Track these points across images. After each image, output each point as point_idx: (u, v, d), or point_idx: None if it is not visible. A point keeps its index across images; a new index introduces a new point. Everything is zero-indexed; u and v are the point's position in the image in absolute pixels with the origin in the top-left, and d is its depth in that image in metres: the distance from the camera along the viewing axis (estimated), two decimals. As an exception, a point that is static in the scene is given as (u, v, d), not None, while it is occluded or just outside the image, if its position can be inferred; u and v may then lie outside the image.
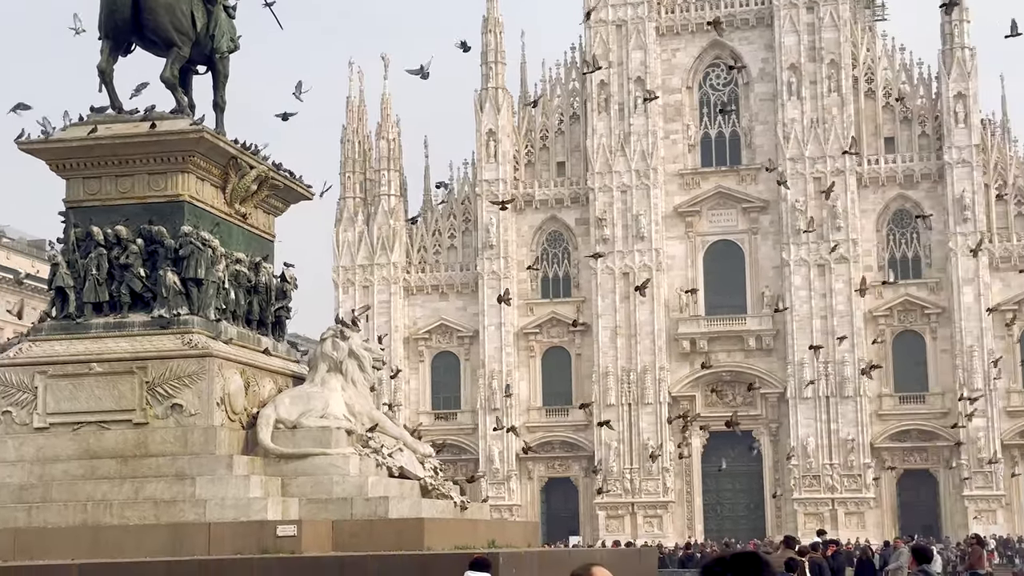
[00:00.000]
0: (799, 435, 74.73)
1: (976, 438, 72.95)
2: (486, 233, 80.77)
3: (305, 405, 21.24)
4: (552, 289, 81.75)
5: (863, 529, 71.38)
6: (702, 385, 78.32)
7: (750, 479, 78.25)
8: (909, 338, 76.80)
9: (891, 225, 77.83)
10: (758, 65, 79.73)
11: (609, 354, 78.08)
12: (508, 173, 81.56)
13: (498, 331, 79.95)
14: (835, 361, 74.84)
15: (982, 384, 73.04)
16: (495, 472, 78.48)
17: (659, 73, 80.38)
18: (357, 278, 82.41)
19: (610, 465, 76.76)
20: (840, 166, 76.49)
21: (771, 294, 77.28)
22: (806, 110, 77.42)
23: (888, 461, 75.73)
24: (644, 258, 78.41)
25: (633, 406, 77.22)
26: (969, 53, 76.12)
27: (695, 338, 77.92)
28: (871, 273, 76.75)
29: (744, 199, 79.10)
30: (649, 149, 79.22)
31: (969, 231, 74.55)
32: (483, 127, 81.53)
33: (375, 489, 20.48)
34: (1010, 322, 74.99)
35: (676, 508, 77.04)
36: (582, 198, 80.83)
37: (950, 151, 75.30)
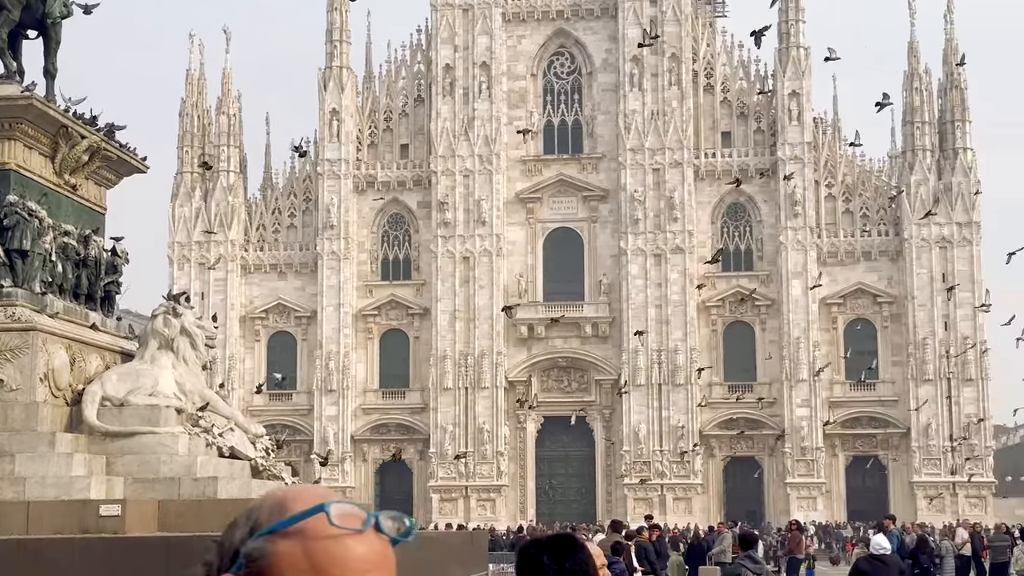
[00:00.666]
0: (631, 421, 76.05)
1: (799, 427, 75.27)
2: (327, 213, 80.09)
3: (133, 382, 20.78)
4: (392, 271, 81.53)
5: (690, 514, 73.05)
6: (538, 370, 79.12)
7: (582, 464, 79.40)
8: (739, 328, 78.80)
9: (725, 218, 79.68)
10: (601, 56, 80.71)
11: (447, 338, 78.27)
12: (351, 153, 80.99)
13: (336, 312, 79.43)
14: (668, 350, 76.36)
15: (807, 375, 75.40)
16: (329, 454, 77.91)
17: (504, 59, 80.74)
18: (193, 255, 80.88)
19: (445, 448, 77.02)
20: (678, 158, 77.97)
21: (608, 282, 78.44)
22: (647, 102, 78.67)
23: (716, 448, 77.65)
24: (485, 243, 78.77)
25: (470, 390, 77.57)
26: (804, 53, 78.29)
27: (533, 323, 78.63)
28: (705, 264, 78.56)
29: (584, 187, 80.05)
30: (492, 135, 79.55)
31: (799, 226, 76.80)
32: (326, 106, 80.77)
33: (204, 469, 20.16)
34: (835, 315, 77.58)
35: (509, 492, 77.72)
36: (424, 181, 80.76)
37: (783, 148, 77.37)
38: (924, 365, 75.04)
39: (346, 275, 79.85)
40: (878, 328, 77.46)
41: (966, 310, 75.33)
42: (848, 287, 77.72)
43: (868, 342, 77.66)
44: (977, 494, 74.65)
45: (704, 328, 77.92)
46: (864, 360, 77.62)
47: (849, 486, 77.37)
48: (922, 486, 74.68)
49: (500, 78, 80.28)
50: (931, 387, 74.99)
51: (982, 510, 72.47)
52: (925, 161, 76.87)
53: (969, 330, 75.13)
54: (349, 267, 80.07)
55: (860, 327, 77.93)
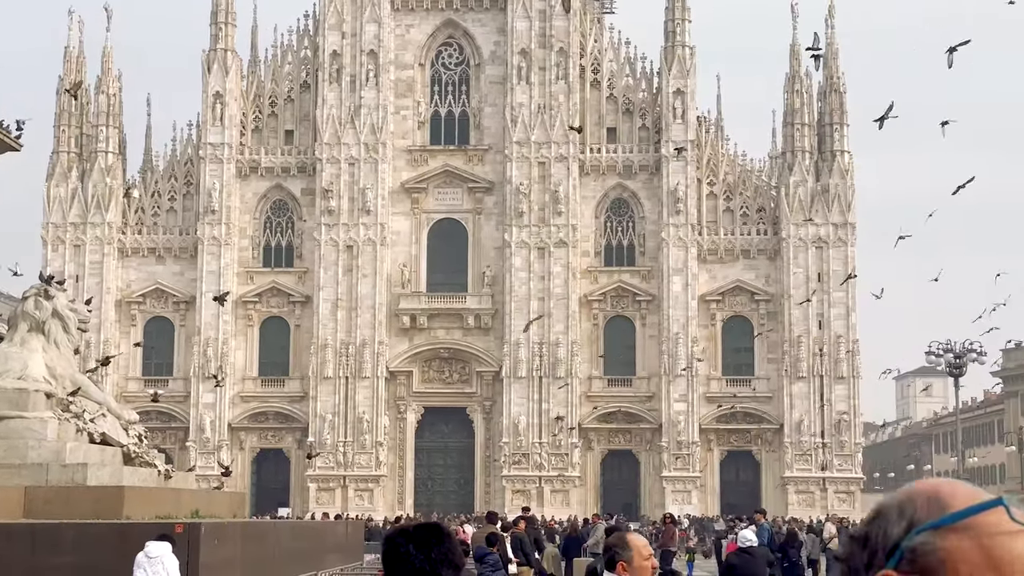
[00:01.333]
0: (511, 413, 76.36)
1: (676, 421, 76.31)
2: (208, 198, 78.93)
3: (2, 365, 20.29)
4: (274, 258, 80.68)
5: (568, 506, 73.62)
6: (420, 361, 79.02)
7: (462, 455, 79.52)
8: (620, 323, 79.58)
9: (609, 213, 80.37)
10: (490, 48, 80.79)
11: (328, 326, 77.74)
12: (234, 137, 79.93)
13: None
14: (549, 343, 76.81)
15: (685, 370, 76.43)
16: (205, 441, 77.01)
17: (392, 48, 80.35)
18: (68, 236, 79.10)
19: (324, 438, 76.52)
20: (563, 152, 78.42)
21: (492, 274, 78.63)
22: (534, 95, 78.96)
23: (594, 441, 78.35)
24: (369, 232, 78.37)
25: (350, 379, 77.15)
26: (689, 51, 79.28)
27: (415, 314, 78.48)
28: (588, 259, 79.21)
29: (470, 179, 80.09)
30: (379, 123, 79.14)
31: (681, 223, 77.81)
32: (210, 89, 79.58)
33: (74, 455, 19.77)
34: (714, 312, 78.80)
35: (388, 482, 77.52)
36: (309, 168, 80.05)
37: (667, 145, 78.28)
38: (798, 363, 76.58)
39: (227, 261, 78.81)
40: (755, 325, 78.83)
41: (839, 309, 77.06)
42: (727, 284, 78.97)
43: (745, 339, 79.01)
44: (846, 489, 76.47)
45: (585, 322, 78.54)
46: (741, 356, 79.05)
47: (723, 480, 78.69)
48: (793, 481, 76.26)
49: (388, 67, 79.89)
50: (804, 384, 76.58)
51: (851, 505, 74.29)
52: (804, 162, 78.39)
53: (842, 329, 76.86)
54: (230, 253, 79.04)
55: (737, 324, 79.26)
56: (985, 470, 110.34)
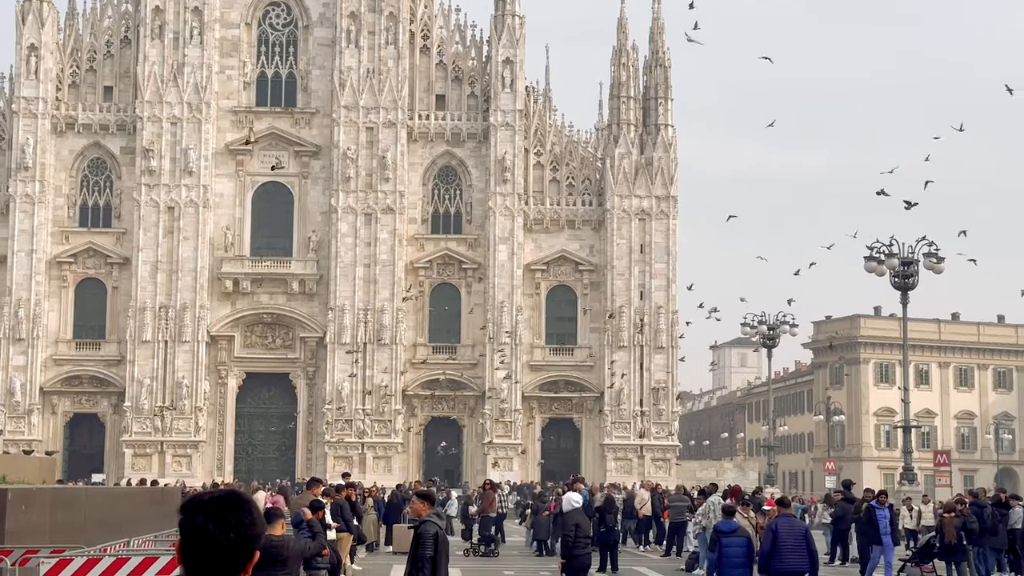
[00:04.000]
0: (335, 380, 75.90)
1: (500, 389, 76.96)
2: (21, 154, 76.11)
3: None
4: (91, 218, 78.33)
5: (390, 473, 73.63)
6: (242, 326, 77.88)
7: (283, 421, 78.78)
8: (446, 290, 79.74)
9: (436, 180, 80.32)
10: (319, 10, 79.69)
11: (148, 289, 75.94)
12: (50, 92, 77.17)
13: (28, 258, 75.75)
14: (374, 309, 76.53)
15: (509, 338, 77.10)
16: (15, 405, 74.55)
17: (218, 5, 78.56)
18: None
19: (141, 403, 74.86)
20: (392, 118, 77.99)
21: (317, 239, 77.86)
22: (363, 60, 78.25)
23: (417, 408, 78.48)
24: (191, 193, 76.71)
25: (170, 343, 75.58)
26: (519, 21, 79.57)
27: (238, 278, 77.25)
28: (415, 226, 79.07)
29: (297, 142, 79.03)
30: (203, 83, 77.39)
31: (508, 192, 78.26)
32: (24, 40, 76.62)
33: None
34: (539, 281, 79.61)
35: (207, 448, 76.29)
36: (129, 126, 77.85)
37: (495, 114, 78.52)
38: (619, 332, 77.96)
39: (41, 220, 76.20)
40: (578, 295, 79.93)
41: (660, 280, 78.66)
42: (552, 254, 79.82)
43: (568, 308, 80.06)
44: (663, 456, 78.31)
45: (412, 289, 78.40)
46: (564, 326, 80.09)
47: (544, 447, 79.75)
48: (612, 448, 77.74)
49: (213, 25, 78.09)
50: (625, 353, 78.02)
51: (666, 472, 76.11)
52: (629, 135, 79.61)
53: (663, 300, 78.49)
54: (44, 211, 76.44)
55: (561, 293, 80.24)
56: (795, 438, 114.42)
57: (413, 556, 13.33)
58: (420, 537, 13.28)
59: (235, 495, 4.34)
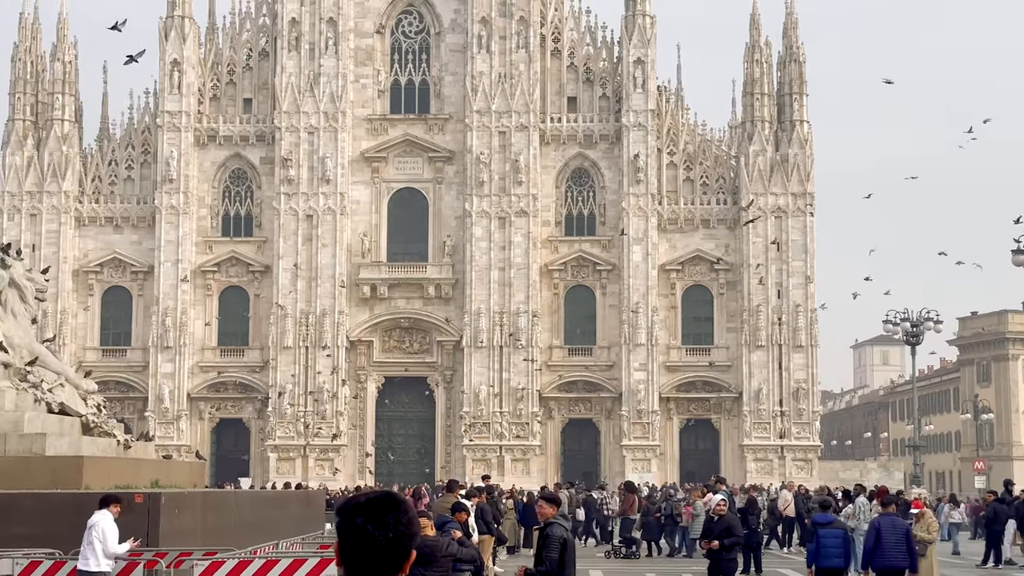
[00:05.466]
0: (472, 383, 76.43)
1: (637, 391, 76.64)
2: (166, 166, 78.30)
3: (-42, 335, 20.06)
4: (233, 228, 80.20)
5: (528, 475, 73.85)
6: (380, 331, 78.90)
7: (422, 425, 79.58)
8: (581, 292, 79.72)
9: (570, 182, 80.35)
10: (450, 16, 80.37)
11: (288, 296, 77.44)
12: (192, 106, 79.23)
13: (175, 268, 77.87)
14: (510, 312, 76.86)
15: (645, 339, 76.75)
16: (164, 411, 76.69)
17: (352, 15, 79.77)
18: (24, 205, 78.31)
19: (284, 408, 76.36)
20: (524, 122, 78.25)
21: (452, 244, 78.52)
22: (495, 64, 78.68)
23: (555, 410, 78.60)
24: (329, 201, 78.01)
25: (310, 349, 76.94)
26: (649, 21, 79.18)
27: (376, 284, 78.30)
28: (548, 228, 79.23)
29: (431, 148, 79.81)
30: (338, 92, 78.66)
31: (641, 192, 77.93)
32: (167, 56, 78.78)
33: (32, 425, 19.62)
34: (674, 281, 79.09)
35: (348, 452, 77.48)
36: (268, 137, 79.53)
37: (628, 114, 78.26)
38: (757, 332, 77.03)
39: (185, 230, 78.27)
40: (714, 295, 79.20)
41: (798, 278, 77.51)
42: (687, 254, 79.22)
43: (704, 308, 79.38)
44: (804, 457, 77.12)
45: (546, 291, 78.64)
46: (700, 326, 79.43)
47: (682, 448, 79.19)
48: (752, 449, 76.84)
49: (347, 34, 79.34)
50: (763, 353, 77.06)
51: (808, 473, 74.93)
52: (763, 132, 78.63)
53: (801, 298, 77.34)
54: (188, 222, 78.51)
55: (697, 293, 79.59)
56: (941, 438, 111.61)
57: (538, 557, 13.87)
58: (547, 539, 13.80)
59: (391, 496, 4.40)
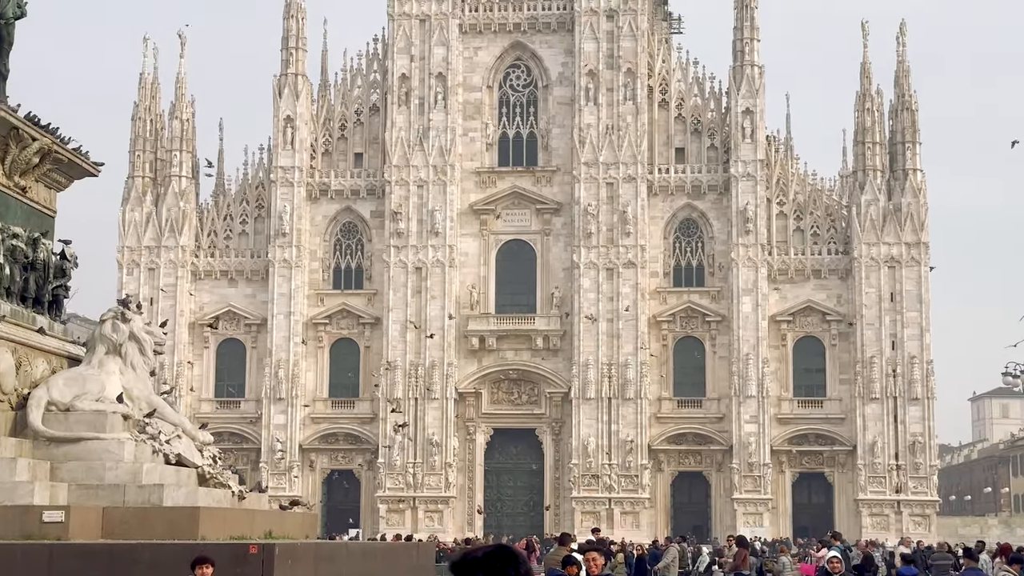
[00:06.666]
0: (580, 435, 76.15)
1: (748, 443, 75.67)
2: (279, 221, 79.74)
3: (80, 387, 20.57)
4: (344, 280, 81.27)
5: (637, 528, 73.22)
6: (488, 382, 79.08)
7: (531, 477, 79.38)
8: (690, 344, 79.14)
9: (678, 233, 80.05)
10: (558, 69, 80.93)
11: (398, 348, 78.07)
12: (304, 161, 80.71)
13: (287, 320, 79.04)
14: (618, 364, 76.56)
15: (755, 391, 75.84)
16: (277, 463, 77.57)
17: (460, 70, 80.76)
18: (143, 260, 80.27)
19: (393, 459, 76.78)
20: (632, 173, 78.28)
21: (560, 295, 78.59)
22: (602, 116, 78.95)
23: (664, 463, 77.90)
24: (437, 254, 78.68)
25: (420, 400, 77.39)
26: (758, 71, 78.90)
27: (484, 335, 78.60)
28: (656, 279, 78.92)
29: (538, 200, 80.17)
30: (447, 145, 79.53)
31: (751, 243, 77.31)
32: (281, 113, 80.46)
33: (150, 476, 19.98)
34: (784, 332, 78.13)
35: (457, 503, 77.55)
36: (378, 190, 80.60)
37: (736, 165, 77.88)
38: (871, 383, 75.67)
39: (297, 283, 79.50)
40: (826, 346, 78.05)
41: (913, 329, 76.08)
42: (797, 304, 78.28)
43: (816, 360, 78.25)
44: (921, 512, 75.31)
45: (655, 343, 78.21)
46: (812, 377, 78.26)
47: (795, 502, 77.85)
48: (867, 503, 75.27)
49: (456, 89, 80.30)
50: (877, 405, 75.63)
51: (926, 528, 73.13)
52: (876, 181, 77.63)
53: (916, 350, 75.86)
54: (300, 275, 79.74)
55: (808, 345, 78.50)
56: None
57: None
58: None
59: (506, 548, 4.40)
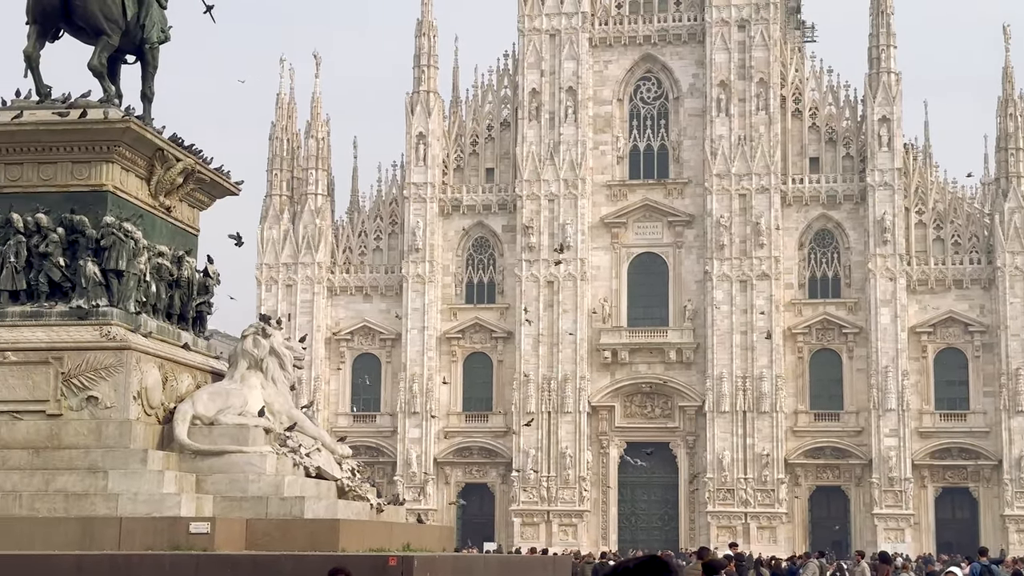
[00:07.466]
0: (715, 448, 75.39)
1: (888, 457, 74.09)
2: (412, 236, 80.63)
3: (223, 402, 21.01)
4: (476, 295, 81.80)
5: (774, 543, 72.16)
6: (621, 396, 78.79)
7: (665, 491, 78.81)
8: (826, 356, 77.83)
9: (813, 244, 78.85)
10: (688, 81, 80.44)
11: (531, 362, 78.25)
12: (436, 177, 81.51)
13: (421, 335, 79.82)
14: (753, 376, 75.65)
15: (895, 404, 74.24)
16: (412, 476, 78.31)
17: (590, 84, 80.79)
18: (280, 276, 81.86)
19: (528, 473, 76.92)
20: (765, 184, 77.39)
21: (693, 308, 77.98)
22: (734, 127, 78.23)
23: (801, 477, 76.68)
24: (569, 267, 78.72)
25: (553, 414, 77.45)
26: (895, 78, 77.40)
27: (616, 349, 78.36)
28: (791, 291, 77.81)
29: (670, 212, 79.72)
30: (578, 159, 79.59)
31: (888, 253, 75.79)
32: (413, 130, 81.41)
33: (291, 488, 20.32)
34: (925, 344, 76.34)
35: (591, 517, 77.36)
36: (510, 205, 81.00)
37: (873, 174, 76.46)
38: (1017, 396, 73.51)
39: (431, 298, 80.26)
40: (969, 358, 76.07)
41: (1061, 340, 73.72)
42: (939, 316, 76.44)
43: (958, 372, 76.29)
44: (1072, 529, 72.84)
45: (790, 355, 77.10)
46: (954, 390, 76.30)
47: (938, 518, 75.92)
48: (1014, 519, 73.06)
49: (586, 103, 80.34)
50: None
51: (1077, 545, 70.70)
52: (1020, 188, 75.51)
53: (1063, 361, 73.47)
54: (434, 290, 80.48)
55: (950, 356, 76.61)
56: None
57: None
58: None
59: (658, 559, 4.39)
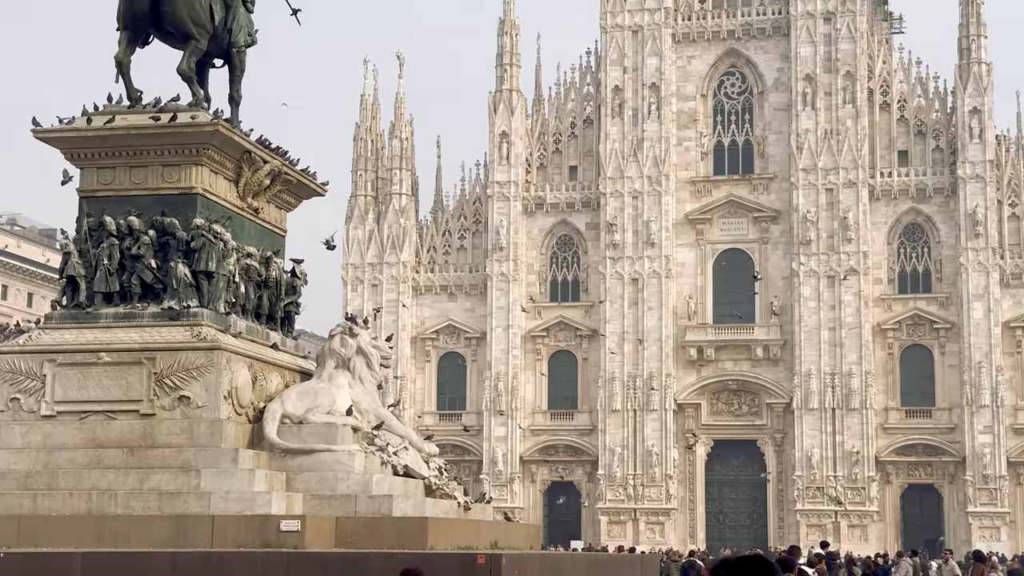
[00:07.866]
0: (804, 446, 74.59)
1: (982, 454, 72.78)
2: (496, 235, 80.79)
3: (312, 401, 21.19)
4: (561, 293, 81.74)
5: (866, 542, 71.24)
6: (708, 393, 78.26)
7: (753, 489, 78.14)
8: (917, 352, 76.65)
9: (902, 238, 77.69)
10: (773, 75, 79.66)
11: (616, 359, 78.02)
12: (520, 175, 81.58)
13: (505, 333, 79.95)
14: (842, 373, 74.73)
15: (989, 400, 72.90)
16: (498, 474, 78.47)
17: (674, 80, 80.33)
18: (366, 276, 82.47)
19: (614, 471, 76.71)
20: (852, 178, 76.41)
21: (779, 304, 77.21)
22: (820, 121, 77.33)
23: (892, 475, 75.60)
24: (654, 264, 78.36)
25: (638, 412, 77.16)
26: (986, 68, 76.00)
27: (702, 346, 77.84)
28: (880, 287, 76.70)
29: (755, 208, 79.01)
30: (661, 155, 79.18)
31: (981, 247, 74.44)
32: (496, 129, 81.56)
33: (379, 487, 20.43)
34: (1019, 339, 74.86)
35: (678, 515, 76.94)
36: (593, 202, 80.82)
37: (964, 166, 75.16)
38: (1115, 392, 71.82)
39: (515, 296, 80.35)
40: (1065, 353, 74.45)
41: None
42: (1033, 310, 74.94)
43: (1054, 367, 74.71)
44: None
45: (880, 351, 76.02)
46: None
47: (1035, 516, 74.42)
48: (1113, 518, 71.39)
49: (670, 99, 79.89)
50: (1123, 415, 71.75)
51: None
52: (1116, 179, 73.80)
53: None
54: (518, 288, 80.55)
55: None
56: None
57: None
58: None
59: (759, 558, 4.38)
